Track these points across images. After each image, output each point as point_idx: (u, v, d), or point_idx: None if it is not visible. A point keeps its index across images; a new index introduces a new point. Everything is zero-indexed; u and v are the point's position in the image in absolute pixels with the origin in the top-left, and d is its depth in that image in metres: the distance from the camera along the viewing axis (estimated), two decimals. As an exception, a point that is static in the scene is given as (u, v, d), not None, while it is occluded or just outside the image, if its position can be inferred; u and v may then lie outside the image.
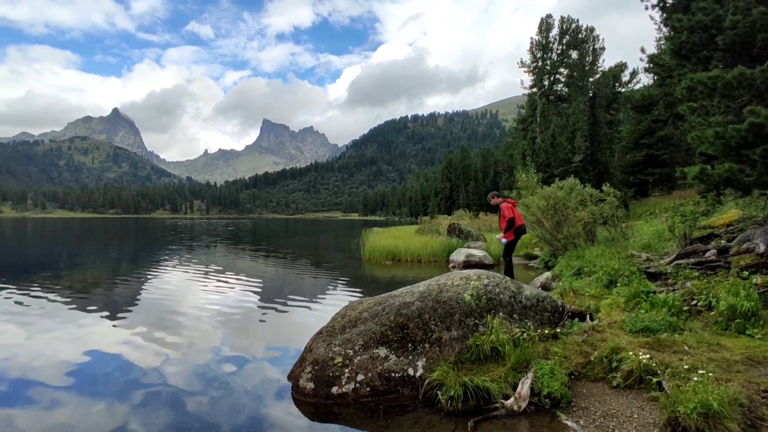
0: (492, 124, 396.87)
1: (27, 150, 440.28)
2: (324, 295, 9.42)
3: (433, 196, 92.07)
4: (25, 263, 15.96)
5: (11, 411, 3.85)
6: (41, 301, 8.58)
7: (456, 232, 19.71)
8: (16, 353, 5.37)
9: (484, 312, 4.65)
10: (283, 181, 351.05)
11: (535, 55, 43.57)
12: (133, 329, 6.55)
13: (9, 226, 60.32)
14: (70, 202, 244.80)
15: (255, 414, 3.79)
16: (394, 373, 4.03)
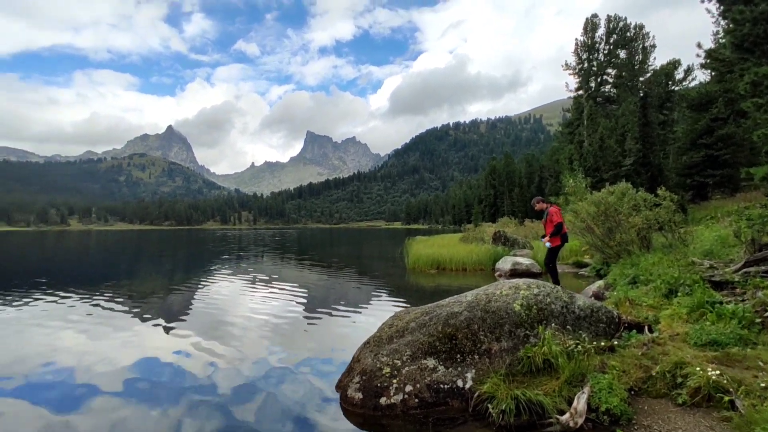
0: (536, 129, 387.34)
1: (91, 167, 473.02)
2: (369, 305, 9.45)
3: (477, 204, 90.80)
4: (90, 273, 17.02)
5: (74, 415, 4.07)
6: (103, 309, 9.10)
7: (501, 240, 19.32)
8: (80, 359, 5.70)
9: (535, 323, 4.51)
10: (326, 191, 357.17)
11: (581, 56, 42.29)
12: (185, 337, 6.81)
13: (76, 238, 64.76)
14: (129, 215, 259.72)
15: (304, 423, 3.83)
16: (443, 385, 3.96)
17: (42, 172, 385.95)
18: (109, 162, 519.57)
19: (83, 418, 4.00)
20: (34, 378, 5.03)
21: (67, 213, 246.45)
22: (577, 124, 43.25)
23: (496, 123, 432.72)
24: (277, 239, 50.33)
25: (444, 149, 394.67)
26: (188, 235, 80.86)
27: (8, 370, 5.28)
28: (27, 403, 4.31)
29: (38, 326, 7.57)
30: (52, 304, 9.59)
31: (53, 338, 6.77)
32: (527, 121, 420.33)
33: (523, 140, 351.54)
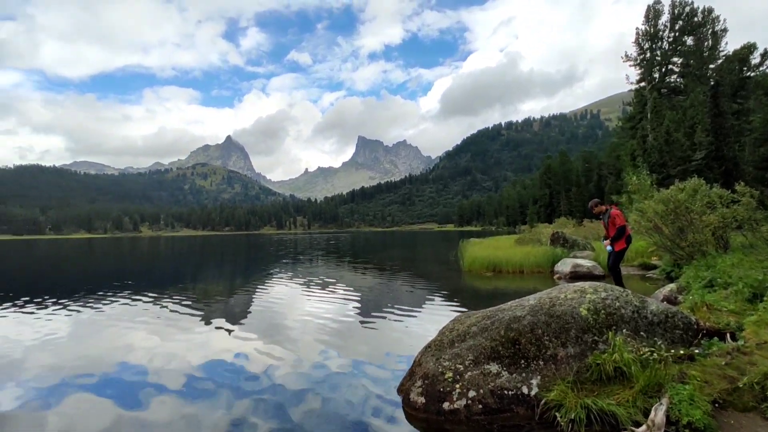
0: (593, 125, 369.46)
1: (159, 177, 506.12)
2: (424, 308, 9.41)
3: (532, 204, 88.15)
4: (160, 277, 18.17)
5: (143, 410, 4.33)
6: (171, 311, 9.68)
7: (560, 241, 18.61)
8: (150, 358, 6.07)
9: (604, 328, 4.30)
10: (378, 194, 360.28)
11: (642, 46, 40.00)
12: (246, 339, 7.06)
13: (147, 243, 69.37)
14: (193, 222, 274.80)
15: (368, 426, 3.86)
16: (507, 391, 3.87)
17: (117, 183, 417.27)
18: (175, 172, 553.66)
19: (151, 413, 4.24)
20: (108, 375, 5.41)
21: (139, 220, 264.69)
22: (640, 117, 40.91)
23: (550, 120, 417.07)
24: (331, 243, 51.34)
25: (496, 149, 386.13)
26: (247, 239, 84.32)
27: (85, 367, 5.73)
28: (101, 398, 4.65)
29: (112, 326, 8.17)
30: (125, 306, 10.32)
31: (125, 338, 7.27)
32: (583, 117, 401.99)
33: (580, 137, 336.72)
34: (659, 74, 39.82)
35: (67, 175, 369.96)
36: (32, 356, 6.26)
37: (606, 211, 8.49)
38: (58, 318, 9.05)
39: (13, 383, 5.16)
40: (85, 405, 4.48)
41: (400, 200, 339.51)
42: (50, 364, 5.89)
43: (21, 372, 5.57)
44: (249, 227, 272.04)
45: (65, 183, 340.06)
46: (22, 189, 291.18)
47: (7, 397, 4.70)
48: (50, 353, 6.40)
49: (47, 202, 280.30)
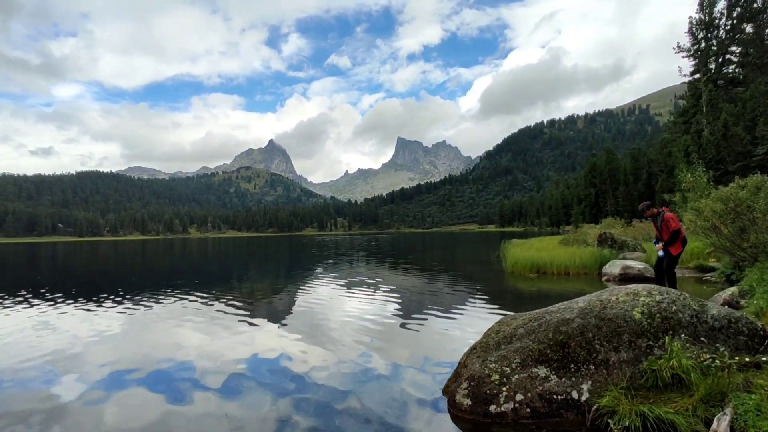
0: (641, 121, 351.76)
1: (207, 181, 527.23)
2: (467, 309, 9.30)
3: (576, 204, 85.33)
4: (207, 277, 18.89)
5: (189, 405, 4.50)
6: (217, 309, 10.04)
7: (608, 242, 17.93)
8: (197, 355, 6.31)
9: (659, 333, 4.11)
10: (418, 195, 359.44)
11: (696, 35, 37.88)
12: (289, 338, 7.21)
13: (196, 244, 72.36)
14: (238, 224, 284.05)
15: (413, 426, 3.87)
16: (556, 395, 3.77)
17: (168, 187, 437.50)
18: (221, 176, 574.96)
19: (198, 408, 4.39)
20: (158, 370, 5.66)
21: (188, 222, 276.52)
22: (694, 111, 38.77)
23: (595, 117, 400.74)
24: (372, 243, 51.69)
25: (538, 148, 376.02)
26: (290, 240, 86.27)
27: (138, 363, 6.03)
28: (152, 393, 4.87)
29: (163, 324, 8.57)
30: (175, 304, 10.80)
31: (175, 335, 7.60)
32: (631, 113, 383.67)
33: (627, 134, 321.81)
34: (715, 65, 37.60)
35: (123, 180, 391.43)
36: (90, 351, 6.67)
37: (659, 214, 8.12)
38: (114, 315, 9.59)
39: (73, 376, 5.52)
40: (137, 399, 4.72)
41: (440, 201, 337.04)
42: (106, 359, 6.24)
43: (80, 366, 5.94)
44: (291, 229, 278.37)
45: (122, 187, 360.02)
46: (83, 194, 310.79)
47: (68, 389, 5.03)
48: (106, 349, 6.80)
49: (106, 206, 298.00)
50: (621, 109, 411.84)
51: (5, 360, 6.26)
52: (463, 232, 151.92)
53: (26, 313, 9.96)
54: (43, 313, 9.91)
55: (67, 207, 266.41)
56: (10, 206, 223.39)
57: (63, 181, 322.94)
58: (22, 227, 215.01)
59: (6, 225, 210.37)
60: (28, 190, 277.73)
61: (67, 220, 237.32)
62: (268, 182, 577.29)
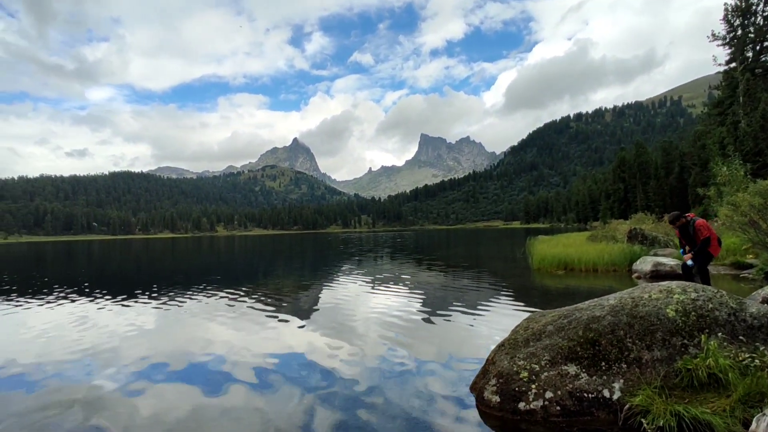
0: (673, 113, 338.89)
1: (233, 180, 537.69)
2: (493, 306, 9.23)
3: (604, 199, 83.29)
4: (234, 273, 19.28)
5: (220, 397, 4.63)
6: (245, 305, 10.25)
7: (638, 238, 17.45)
8: (226, 349, 6.46)
9: (695, 331, 4.00)
10: (442, 192, 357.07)
11: (732, 22, 36.33)
12: (316, 333, 7.32)
13: (223, 242, 73.89)
14: (264, 221, 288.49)
15: (441, 422, 3.88)
16: (587, 394, 3.72)
17: (196, 186, 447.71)
18: (247, 174, 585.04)
19: (229, 402, 4.51)
20: (190, 364, 5.84)
21: (215, 221, 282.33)
22: (730, 102, 37.27)
23: (624, 110, 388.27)
24: (398, 241, 51.73)
25: (564, 143, 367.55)
26: (314, 238, 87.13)
27: (170, 357, 6.23)
28: (184, 386, 5.03)
29: (194, 319, 8.82)
30: (206, 300, 11.08)
31: (205, 330, 7.80)
32: (662, 105, 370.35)
33: (657, 126, 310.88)
34: (753, 53, 36.00)
35: (153, 179, 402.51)
36: (127, 345, 6.92)
37: (689, 222, 7.70)
38: (148, 310, 9.92)
39: (111, 369, 5.75)
40: (171, 391, 4.89)
41: (464, 197, 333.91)
42: (142, 352, 6.47)
43: (118, 359, 6.18)
44: (316, 226, 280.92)
45: (152, 187, 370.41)
46: (116, 193, 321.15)
47: (107, 381, 5.25)
48: (142, 343, 7.05)
49: (137, 205, 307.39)
50: (651, 101, 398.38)
51: (49, 353, 6.56)
52: (487, 229, 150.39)
53: (67, 309, 10.40)
54: (82, 309, 10.33)
55: (101, 206, 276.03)
56: (49, 206, 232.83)
57: (97, 181, 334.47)
58: (60, 226, 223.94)
59: (45, 224, 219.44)
60: (65, 190, 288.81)
61: (101, 219, 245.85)
62: (293, 180, 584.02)
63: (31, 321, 9.12)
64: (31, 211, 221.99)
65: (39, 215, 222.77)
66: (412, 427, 3.78)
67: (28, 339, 7.54)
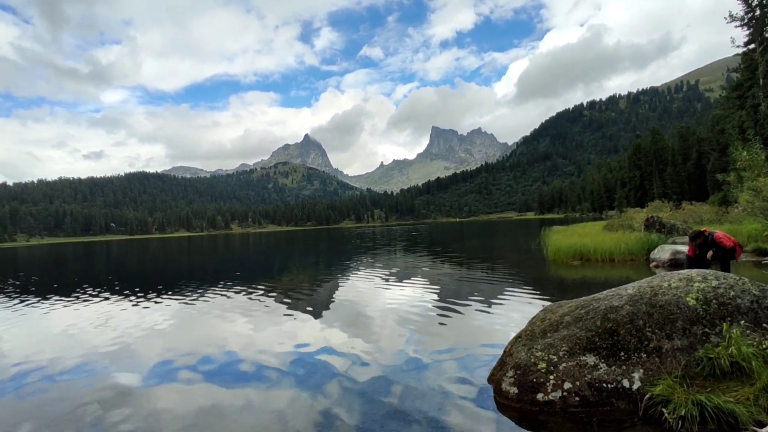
0: (690, 98, 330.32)
1: (246, 177, 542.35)
2: (508, 297, 9.19)
3: (620, 188, 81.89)
4: (249, 270, 19.49)
5: (238, 390, 4.72)
6: (261, 302, 10.38)
7: (656, 227, 17.16)
8: (243, 346, 6.55)
9: (716, 319, 3.93)
10: (454, 185, 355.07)
11: (750, 3, 35.22)
12: (331, 328, 7.39)
13: (238, 240, 74.66)
14: (278, 218, 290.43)
15: (460, 413, 3.88)
16: (606, 384, 3.69)
17: (210, 184, 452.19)
18: (260, 172, 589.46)
19: (246, 397, 4.58)
20: (207, 360, 5.94)
21: (230, 218, 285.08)
22: (749, 85, 36.24)
23: (639, 96, 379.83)
24: (412, 234, 51.70)
25: (577, 132, 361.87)
26: (328, 233, 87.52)
27: (188, 353, 6.35)
28: (201, 381, 5.13)
29: (210, 316, 8.95)
30: (221, 297, 11.24)
31: (222, 327, 7.92)
32: (678, 90, 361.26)
33: (674, 112, 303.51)
34: (773, 33, 34.88)
35: (168, 179, 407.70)
36: (146, 343, 7.06)
37: (707, 237, 7.25)
38: (167, 308, 10.10)
39: (132, 366, 5.88)
40: (189, 387, 4.98)
41: (477, 189, 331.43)
42: (161, 349, 6.61)
43: (137, 356, 6.33)
44: (329, 221, 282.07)
45: (167, 187, 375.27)
46: (132, 194, 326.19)
47: (126, 378, 5.37)
48: (161, 340, 7.19)
49: (153, 205, 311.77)
50: (667, 86, 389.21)
51: (71, 351, 6.73)
52: (501, 221, 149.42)
53: (88, 308, 10.64)
54: (103, 308, 10.55)
55: (118, 207, 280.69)
56: (68, 208, 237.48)
57: (113, 182, 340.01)
58: (79, 227, 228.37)
59: (65, 225, 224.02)
60: (83, 192, 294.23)
61: (118, 219, 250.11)
62: (305, 176, 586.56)
63: (55, 320, 9.36)
64: (51, 214, 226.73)
65: (59, 217, 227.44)
66: (431, 420, 3.79)
67: (51, 337, 7.75)
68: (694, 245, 7.27)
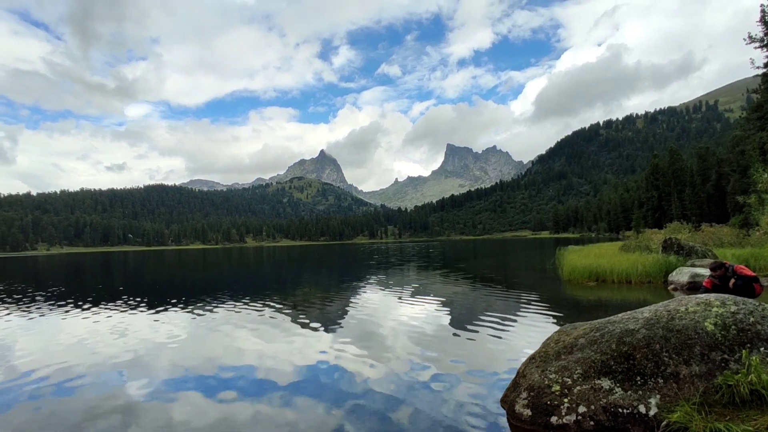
0: (709, 118, 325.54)
1: (261, 192, 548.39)
2: (522, 318, 9.10)
3: (637, 208, 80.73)
4: (263, 283, 19.62)
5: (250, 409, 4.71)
6: (273, 316, 10.42)
7: (674, 248, 16.85)
8: (255, 360, 6.59)
9: (735, 345, 3.86)
10: (468, 202, 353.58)
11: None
12: (343, 344, 7.38)
13: (252, 253, 75.26)
14: (292, 233, 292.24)
15: (471, 434, 3.86)
16: (622, 409, 3.64)
17: (226, 198, 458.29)
18: (275, 186, 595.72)
19: (257, 411, 4.61)
20: (219, 373, 5.98)
21: (245, 232, 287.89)
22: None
23: (656, 116, 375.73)
24: (425, 251, 51.53)
25: (593, 151, 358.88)
26: (341, 248, 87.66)
27: (200, 365, 6.40)
28: (213, 394, 5.17)
29: (223, 329, 9.03)
30: (235, 310, 11.32)
31: (234, 340, 7.98)
32: (697, 110, 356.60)
33: (692, 132, 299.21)
34: (794, 55, 34.47)
35: (185, 192, 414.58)
36: (160, 353, 7.15)
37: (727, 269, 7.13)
38: (180, 320, 10.22)
39: (144, 376, 5.96)
40: (201, 399, 5.03)
41: (491, 207, 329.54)
42: (175, 360, 6.69)
43: (152, 367, 6.41)
44: (342, 237, 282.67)
45: (184, 199, 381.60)
46: (150, 206, 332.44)
47: (140, 388, 5.45)
48: (174, 351, 7.27)
49: (170, 217, 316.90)
50: (685, 106, 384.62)
51: (84, 360, 6.84)
52: (515, 239, 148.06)
53: (104, 316, 10.82)
54: (119, 317, 10.72)
55: (136, 218, 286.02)
56: (88, 218, 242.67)
57: (133, 194, 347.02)
58: (98, 237, 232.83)
59: (84, 236, 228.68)
60: (103, 203, 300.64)
61: (136, 230, 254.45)
62: (320, 192, 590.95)
63: (71, 328, 9.54)
64: (71, 224, 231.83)
65: (79, 227, 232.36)
66: (442, 440, 3.77)
67: (67, 345, 7.90)
68: (714, 277, 7.13)
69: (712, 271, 7.16)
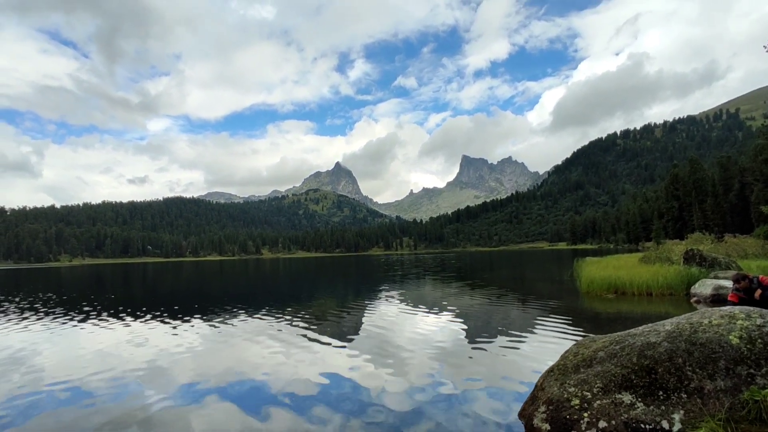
0: (730, 126, 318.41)
1: (277, 204, 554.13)
2: (540, 330, 8.96)
3: (657, 219, 79.25)
4: (279, 295, 19.71)
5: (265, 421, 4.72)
6: (289, 328, 10.46)
7: (696, 260, 16.46)
8: (271, 371, 6.62)
9: (762, 360, 3.75)
10: (484, 213, 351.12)
11: (793, 31, 34.38)
12: (358, 357, 7.36)
13: (268, 265, 75.78)
14: (307, 244, 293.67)
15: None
16: (644, 425, 3.55)
17: (242, 210, 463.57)
18: (291, 198, 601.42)
19: (272, 423, 4.63)
20: (235, 385, 6.03)
21: (261, 243, 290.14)
22: (795, 114, 34.92)
23: (675, 125, 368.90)
24: (441, 263, 51.25)
25: (611, 161, 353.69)
26: (356, 260, 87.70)
27: (217, 376, 6.47)
28: (229, 405, 5.22)
29: (239, 340, 9.10)
30: (250, 322, 11.42)
31: (250, 352, 8.03)
32: (717, 118, 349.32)
33: (713, 141, 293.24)
34: (819, 61, 33.79)
35: (203, 204, 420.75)
36: (176, 365, 7.23)
37: (752, 280, 6.93)
38: (197, 331, 10.33)
39: (163, 385, 6.04)
40: (218, 410, 5.07)
41: (507, 218, 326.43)
42: (190, 372, 6.76)
43: (168, 378, 6.48)
44: (358, 248, 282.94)
45: (202, 211, 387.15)
46: (169, 218, 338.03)
47: (156, 400, 5.51)
48: (191, 363, 7.35)
49: (188, 229, 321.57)
50: (705, 114, 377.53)
51: (103, 371, 6.96)
52: (532, 250, 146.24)
53: (123, 326, 11.01)
54: (137, 328, 10.90)
55: (155, 230, 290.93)
56: (109, 230, 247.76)
57: (152, 206, 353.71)
58: (118, 249, 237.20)
59: (105, 247, 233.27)
60: (123, 215, 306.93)
61: (155, 242, 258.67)
62: (335, 203, 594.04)
63: (91, 338, 9.73)
64: (93, 235, 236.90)
65: (100, 239, 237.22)
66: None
67: (87, 355, 8.06)
68: (738, 289, 6.92)
69: (735, 283, 6.97)
